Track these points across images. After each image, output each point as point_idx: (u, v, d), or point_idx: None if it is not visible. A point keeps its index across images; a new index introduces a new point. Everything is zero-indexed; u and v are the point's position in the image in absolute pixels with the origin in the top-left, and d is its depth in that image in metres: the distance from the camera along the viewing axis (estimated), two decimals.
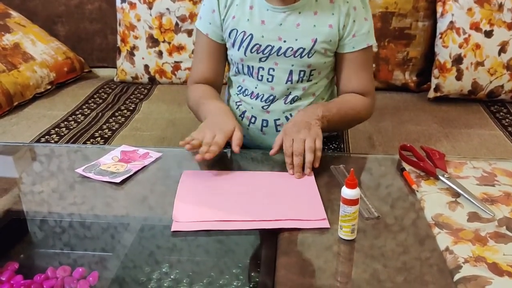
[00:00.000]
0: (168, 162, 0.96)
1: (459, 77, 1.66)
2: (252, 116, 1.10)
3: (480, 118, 1.58)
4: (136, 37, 1.87)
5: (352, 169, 0.69)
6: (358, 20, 1.01)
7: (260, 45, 1.01)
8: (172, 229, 0.73)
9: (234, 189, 0.84)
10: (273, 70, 1.03)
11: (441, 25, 1.69)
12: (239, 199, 0.80)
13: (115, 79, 1.97)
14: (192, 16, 1.79)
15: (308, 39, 1.00)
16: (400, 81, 1.81)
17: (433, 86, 1.71)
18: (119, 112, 1.67)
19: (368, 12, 1.03)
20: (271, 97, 1.06)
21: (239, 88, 1.11)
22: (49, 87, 1.81)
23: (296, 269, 0.65)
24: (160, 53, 1.85)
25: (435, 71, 1.70)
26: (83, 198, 0.82)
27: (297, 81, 1.04)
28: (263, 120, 1.09)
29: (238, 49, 1.03)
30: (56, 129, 1.53)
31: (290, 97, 1.06)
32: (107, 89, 1.89)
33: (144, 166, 0.92)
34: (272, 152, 0.91)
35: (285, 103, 1.06)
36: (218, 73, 1.11)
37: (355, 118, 1.08)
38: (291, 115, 1.07)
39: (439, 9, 1.69)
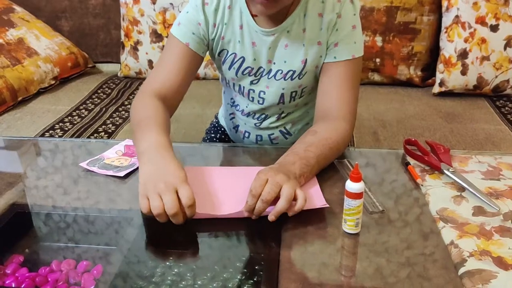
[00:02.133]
0: None
1: (464, 72, 1.65)
2: (246, 131, 1.08)
3: (485, 113, 1.58)
4: (139, 32, 1.87)
5: (356, 162, 0.68)
6: (342, 29, 0.91)
7: (252, 68, 0.97)
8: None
9: (233, 182, 0.83)
10: (264, 93, 0.99)
11: (446, 20, 1.68)
12: (239, 191, 0.81)
13: (119, 74, 1.97)
14: None
15: (298, 61, 0.94)
16: (405, 75, 1.80)
17: (438, 81, 1.70)
18: (122, 107, 1.67)
19: (357, 21, 0.92)
20: (263, 116, 1.04)
21: (232, 100, 1.08)
22: (53, 82, 1.82)
23: (300, 263, 0.65)
24: (163, 48, 1.85)
25: (440, 66, 1.69)
26: (87, 192, 0.83)
27: (289, 101, 1.01)
28: (257, 135, 1.07)
29: (229, 69, 0.98)
30: (60, 124, 1.53)
31: (283, 114, 1.04)
32: (111, 84, 1.90)
33: None
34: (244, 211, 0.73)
35: (277, 119, 1.04)
36: (185, 88, 0.97)
37: (334, 157, 0.88)
38: (285, 128, 1.06)
39: (445, 3, 1.68)
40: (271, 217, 0.71)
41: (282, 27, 0.92)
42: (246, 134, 1.08)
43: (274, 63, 0.96)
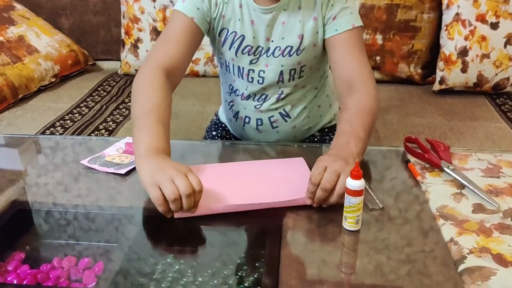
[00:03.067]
0: (172, 154, 0.96)
1: (464, 70, 1.65)
2: (246, 116, 1.09)
3: (485, 111, 1.58)
4: (140, 30, 1.87)
5: (357, 160, 0.69)
6: (336, 3, 0.95)
7: (252, 47, 0.99)
8: (175, 216, 0.73)
9: (233, 177, 0.84)
10: (263, 72, 1.01)
11: (447, 17, 1.68)
12: (239, 185, 0.81)
13: (119, 71, 1.97)
14: None
15: (295, 37, 0.97)
16: (405, 73, 1.80)
17: (438, 78, 1.70)
18: (123, 104, 1.67)
19: None
20: (263, 96, 1.05)
21: (230, 87, 1.09)
22: (54, 79, 1.82)
23: (300, 259, 0.65)
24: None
25: (440, 64, 1.69)
26: (88, 189, 0.83)
27: (288, 80, 1.02)
28: (257, 119, 1.08)
29: (229, 49, 1.00)
30: (61, 121, 1.54)
31: (282, 95, 1.05)
32: (111, 81, 1.90)
33: None
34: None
35: (277, 101, 1.05)
36: (188, 62, 0.99)
37: (374, 122, 0.92)
38: (284, 110, 1.06)
39: (445, 1, 1.68)
40: (311, 202, 0.74)
41: (279, 5, 0.95)
42: (247, 120, 1.09)
43: (272, 41, 0.98)
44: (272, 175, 0.84)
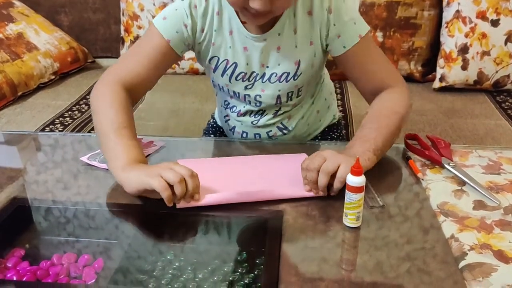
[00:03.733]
0: (171, 151, 0.96)
1: (464, 67, 1.65)
2: (243, 132, 1.06)
3: (485, 108, 1.58)
4: (139, 27, 1.87)
5: (357, 156, 0.68)
6: (338, 22, 0.89)
7: (246, 73, 0.94)
8: (177, 206, 0.73)
9: (231, 171, 0.85)
10: (260, 96, 0.97)
11: (447, 14, 1.68)
12: (241, 177, 0.82)
13: None
14: None
15: (291, 63, 0.92)
16: (405, 71, 1.80)
17: (438, 76, 1.70)
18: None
19: (347, 4, 0.90)
20: (260, 112, 1.02)
21: (226, 103, 1.05)
22: (53, 77, 1.81)
23: (300, 256, 0.65)
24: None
25: (441, 61, 1.69)
26: (88, 186, 0.83)
27: (286, 101, 0.99)
28: (254, 134, 1.05)
29: (222, 75, 0.96)
30: (60, 118, 1.53)
31: (280, 111, 1.02)
32: None
33: (148, 155, 0.92)
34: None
35: (274, 116, 1.02)
36: (153, 82, 0.95)
37: (397, 121, 0.89)
38: (282, 123, 1.04)
39: None
40: (308, 189, 0.76)
41: (273, 31, 0.90)
42: (244, 135, 1.06)
43: (268, 67, 0.94)
44: (275, 169, 0.85)
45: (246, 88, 0.97)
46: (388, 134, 0.85)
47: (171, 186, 0.71)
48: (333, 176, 0.74)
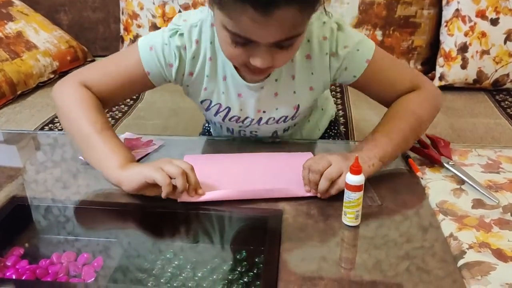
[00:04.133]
0: (171, 150, 0.96)
1: (464, 66, 1.64)
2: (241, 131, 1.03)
3: (485, 107, 1.57)
4: (139, 26, 1.87)
5: (357, 155, 0.68)
6: (342, 58, 0.83)
7: (239, 117, 0.91)
8: (179, 200, 0.74)
9: (234, 167, 0.85)
10: (256, 132, 0.96)
11: (447, 13, 1.68)
12: (241, 174, 0.82)
13: None
14: (195, 5, 1.78)
15: (290, 107, 0.89)
16: None
17: (437, 75, 1.70)
18: (122, 101, 1.67)
19: (346, 35, 0.83)
20: (255, 136, 0.99)
21: (220, 126, 1.00)
22: (52, 76, 1.81)
23: (300, 255, 0.65)
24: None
25: (440, 60, 1.69)
26: (87, 185, 0.83)
27: (283, 132, 0.98)
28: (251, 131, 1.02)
29: (215, 115, 0.92)
30: None
31: (275, 134, 1.00)
32: None
33: (147, 154, 0.92)
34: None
35: (270, 137, 1.00)
36: (119, 101, 0.91)
37: (419, 128, 0.86)
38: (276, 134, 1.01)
39: None
40: (307, 189, 0.76)
41: (270, 78, 0.85)
42: (242, 133, 1.05)
43: (264, 112, 0.90)
44: (279, 167, 0.85)
45: (240, 127, 0.95)
46: (400, 138, 0.81)
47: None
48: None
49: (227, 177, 0.81)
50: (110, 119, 1.52)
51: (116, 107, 1.61)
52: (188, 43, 0.82)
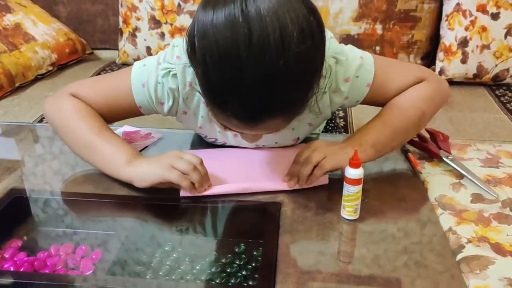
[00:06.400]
0: (169, 143, 0.96)
1: (464, 60, 1.64)
2: None
3: (485, 102, 1.57)
4: (138, 19, 1.86)
5: (356, 148, 0.68)
6: (343, 92, 0.79)
7: (238, 146, 0.90)
8: (181, 195, 0.74)
9: (234, 161, 0.85)
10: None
11: (447, 7, 1.67)
12: (241, 168, 0.82)
13: (117, 61, 1.96)
14: None
15: (289, 140, 0.88)
16: None
17: (438, 69, 1.69)
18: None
19: (345, 65, 0.77)
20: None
21: (214, 140, 0.94)
22: (51, 68, 1.80)
23: (298, 248, 0.65)
24: (162, 35, 1.84)
25: (440, 54, 1.68)
26: (85, 177, 0.82)
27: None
28: None
29: (212, 143, 0.92)
30: None
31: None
32: (109, 70, 1.88)
33: (146, 147, 0.92)
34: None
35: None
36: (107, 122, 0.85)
37: (418, 119, 0.82)
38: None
39: None
40: (290, 184, 0.76)
41: None
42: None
43: (263, 145, 0.89)
44: (276, 160, 0.85)
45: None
46: (397, 128, 0.79)
47: None
48: None
49: (227, 171, 0.81)
50: None
51: None
52: (181, 84, 0.78)
